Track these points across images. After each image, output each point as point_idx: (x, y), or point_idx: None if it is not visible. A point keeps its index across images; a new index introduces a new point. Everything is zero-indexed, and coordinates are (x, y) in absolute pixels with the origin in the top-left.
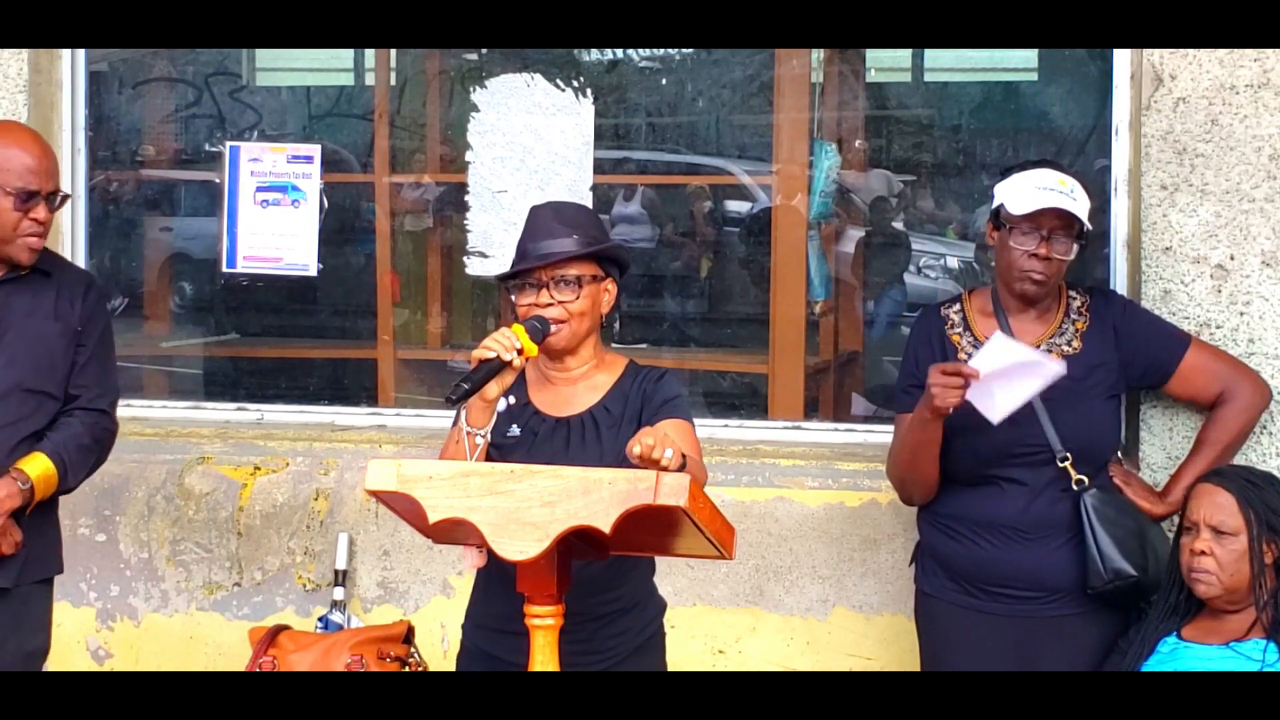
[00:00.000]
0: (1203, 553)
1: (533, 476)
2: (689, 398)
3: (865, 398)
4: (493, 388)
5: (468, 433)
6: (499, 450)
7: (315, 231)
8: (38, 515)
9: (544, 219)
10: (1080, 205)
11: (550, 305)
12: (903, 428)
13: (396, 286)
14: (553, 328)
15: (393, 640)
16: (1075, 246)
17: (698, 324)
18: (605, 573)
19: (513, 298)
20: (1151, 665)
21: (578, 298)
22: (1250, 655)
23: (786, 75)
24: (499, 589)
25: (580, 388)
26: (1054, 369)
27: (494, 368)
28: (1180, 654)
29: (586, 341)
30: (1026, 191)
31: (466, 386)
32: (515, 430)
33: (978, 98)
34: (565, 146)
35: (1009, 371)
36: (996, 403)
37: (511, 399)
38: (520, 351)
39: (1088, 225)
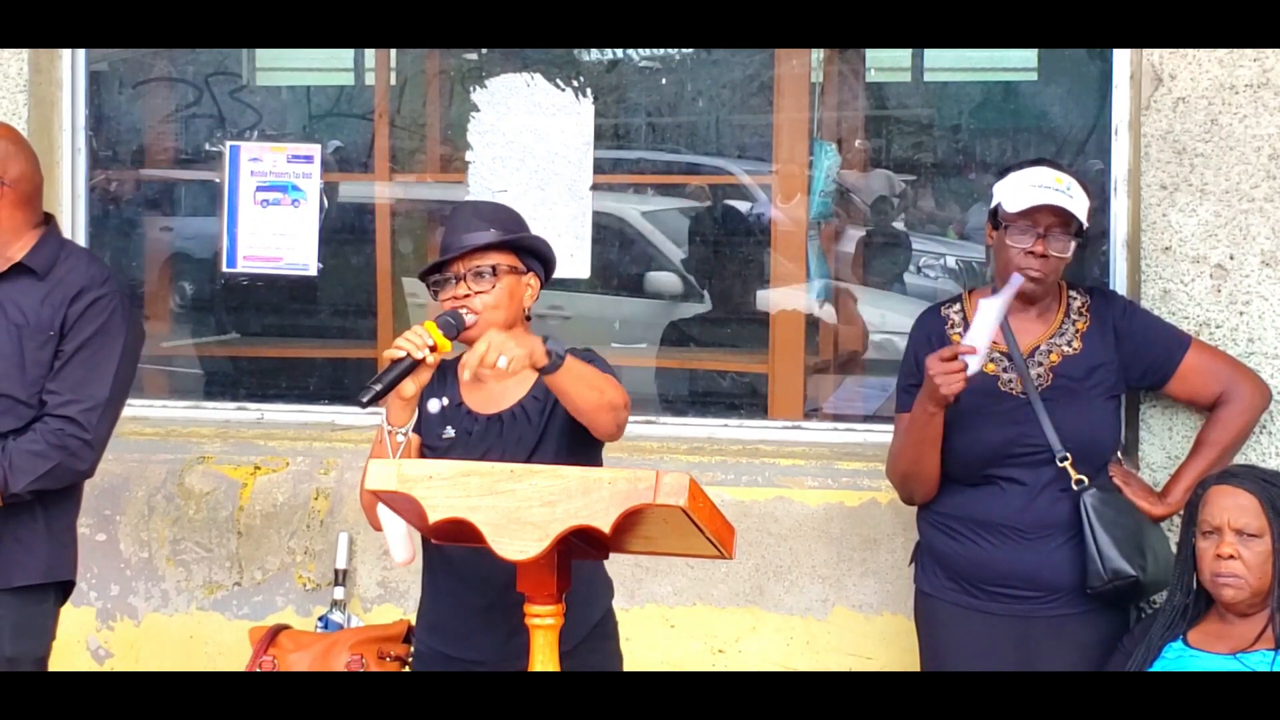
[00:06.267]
0: (1230, 556)
1: (533, 476)
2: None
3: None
4: (408, 386)
5: (388, 431)
6: (434, 453)
7: (315, 231)
8: (26, 515)
9: (463, 215)
10: (1077, 203)
11: (468, 297)
12: (903, 426)
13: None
14: (469, 319)
15: (393, 640)
16: (1072, 244)
17: (698, 324)
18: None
19: (435, 299)
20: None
21: (494, 288)
22: (1257, 668)
23: (786, 75)
24: (445, 588)
25: (511, 383)
26: (1015, 281)
27: (406, 367)
28: (1186, 662)
29: (510, 334)
30: (1022, 189)
31: (377, 388)
32: (450, 432)
33: (978, 98)
34: (565, 146)
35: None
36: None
37: (445, 401)
38: (434, 348)
39: (1085, 223)
